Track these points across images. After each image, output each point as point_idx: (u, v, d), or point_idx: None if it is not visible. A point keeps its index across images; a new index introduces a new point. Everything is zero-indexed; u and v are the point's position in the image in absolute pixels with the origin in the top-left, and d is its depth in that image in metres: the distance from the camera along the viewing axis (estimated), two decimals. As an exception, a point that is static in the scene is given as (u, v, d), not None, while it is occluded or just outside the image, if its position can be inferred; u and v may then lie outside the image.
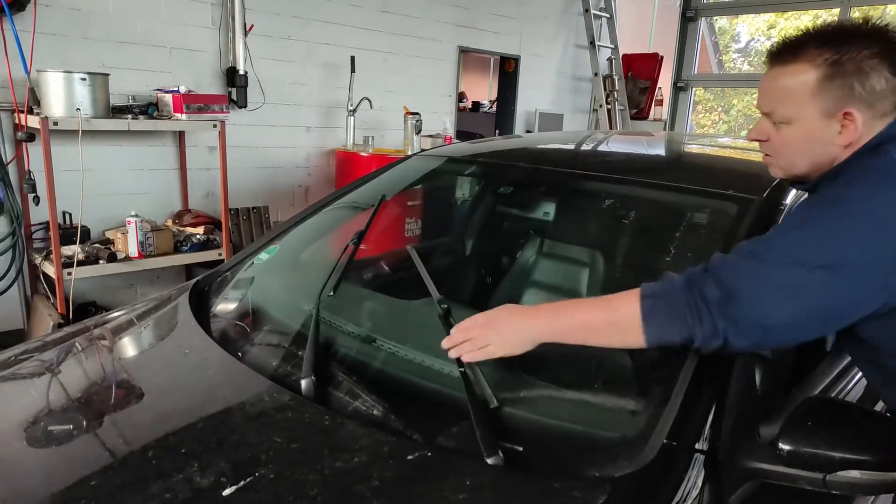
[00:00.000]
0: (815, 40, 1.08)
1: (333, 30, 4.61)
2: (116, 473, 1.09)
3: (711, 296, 1.03)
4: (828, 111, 1.07)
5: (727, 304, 1.02)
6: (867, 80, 1.04)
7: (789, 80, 1.09)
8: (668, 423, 1.09)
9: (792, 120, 1.10)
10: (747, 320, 1.02)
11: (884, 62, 1.04)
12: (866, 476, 1.02)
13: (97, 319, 1.76)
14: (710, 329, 1.02)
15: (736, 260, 1.07)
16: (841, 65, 1.04)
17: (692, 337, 1.04)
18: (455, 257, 2.06)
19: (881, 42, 1.04)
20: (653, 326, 1.06)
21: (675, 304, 1.05)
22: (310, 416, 1.20)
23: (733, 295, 1.02)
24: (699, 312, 1.03)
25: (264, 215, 4.42)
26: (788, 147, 1.13)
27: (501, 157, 2.22)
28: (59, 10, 3.38)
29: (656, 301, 1.07)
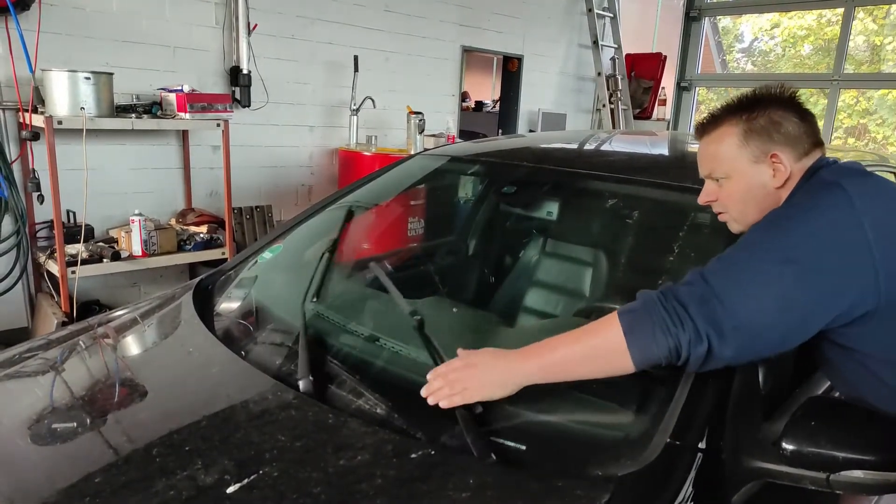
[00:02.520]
0: (730, 110, 1.27)
1: (337, 29, 4.61)
2: (120, 471, 1.09)
3: (688, 299, 1.06)
4: (756, 157, 1.23)
5: (705, 304, 1.05)
6: (781, 127, 1.22)
7: (717, 143, 1.27)
8: (672, 423, 1.09)
9: (730, 174, 1.26)
10: (728, 320, 1.04)
11: (789, 112, 1.23)
12: (870, 476, 1.02)
13: (101, 318, 1.76)
14: (693, 332, 1.04)
15: (706, 268, 1.11)
16: (755, 120, 1.23)
17: (678, 345, 1.04)
18: (458, 256, 2.06)
19: (780, 100, 1.25)
20: (636, 342, 1.07)
21: (653, 314, 1.07)
22: (313, 414, 1.20)
23: (708, 293, 1.06)
24: (679, 318, 1.05)
25: (267, 214, 4.43)
26: (733, 198, 1.27)
27: (504, 156, 2.21)
28: (63, 10, 3.39)
29: (635, 315, 1.09)
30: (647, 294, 1.11)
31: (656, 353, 1.06)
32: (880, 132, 8.59)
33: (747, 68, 9.61)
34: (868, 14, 7.91)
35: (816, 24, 8.89)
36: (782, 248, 1.09)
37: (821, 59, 8.62)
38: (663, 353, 1.06)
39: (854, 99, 8.24)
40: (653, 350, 1.06)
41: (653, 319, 1.07)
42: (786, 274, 1.07)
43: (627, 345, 1.07)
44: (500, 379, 1.14)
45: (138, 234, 3.35)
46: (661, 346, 1.06)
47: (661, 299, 1.08)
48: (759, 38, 9.87)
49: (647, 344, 1.06)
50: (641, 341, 1.07)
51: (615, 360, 1.08)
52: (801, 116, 1.24)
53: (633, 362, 1.07)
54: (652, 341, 1.06)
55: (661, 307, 1.07)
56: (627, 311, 1.10)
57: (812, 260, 1.07)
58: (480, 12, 5.59)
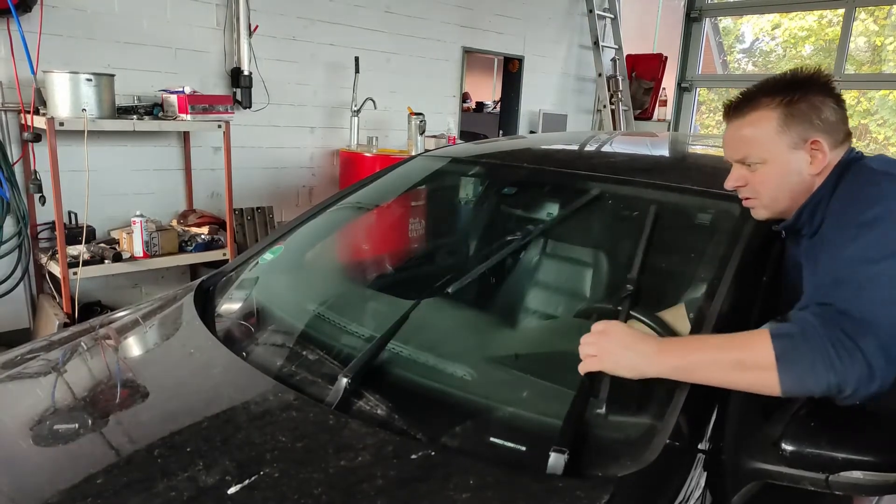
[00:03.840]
0: (766, 92, 1.22)
1: (337, 30, 4.62)
2: (122, 472, 1.09)
3: (851, 327, 0.98)
4: (795, 144, 1.19)
5: (866, 330, 0.97)
6: (821, 112, 1.18)
7: (753, 127, 1.22)
8: (672, 423, 1.09)
9: (766, 160, 1.21)
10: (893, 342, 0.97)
11: (827, 97, 1.19)
12: (869, 477, 1.02)
13: (102, 319, 1.77)
14: (864, 367, 0.96)
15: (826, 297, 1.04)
16: (795, 104, 1.18)
17: (841, 383, 0.97)
18: (458, 258, 2.06)
19: (818, 83, 1.20)
20: (790, 370, 0.99)
21: (814, 343, 0.99)
22: (314, 415, 1.20)
23: (877, 326, 0.98)
24: (847, 350, 0.97)
25: (269, 215, 4.44)
26: (767, 185, 1.23)
27: (505, 157, 2.22)
28: (65, 11, 3.40)
29: (792, 342, 1.00)
30: (804, 319, 1.03)
31: (812, 386, 0.99)
32: (881, 133, 8.59)
33: (748, 69, 9.62)
34: (869, 15, 7.91)
35: (817, 25, 8.90)
36: (890, 249, 1.04)
37: (821, 60, 8.62)
38: (821, 388, 0.99)
39: (855, 99, 8.24)
40: (808, 383, 0.99)
41: (814, 350, 0.99)
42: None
43: (778, 370, 0.99)
44: (631, 363, 1.09)
45: (140, 235, 3.35)
46: (819, 379, 0.98)
47: (824, 327, 1.00)
48: (760, 39, 9.88)
49: (804, 375, 0.99)
50: (796, 371, 0.99)
51: (761, 380, 1.02)
52: (837, 102, 1.20)
53: (781, 388, 1.00)
54: (810, 373, 0.99)
55: (824, 336, 0.99)
56: (782, 333, 1.02)
57: None
58: (481, 13, 5.60)
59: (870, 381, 0.97)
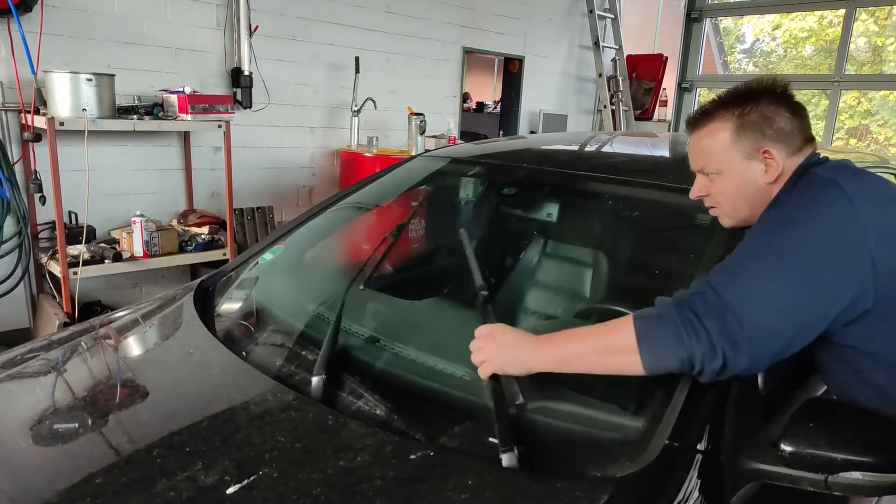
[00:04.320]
0: (722, 104, 1.26)
1: (338, 31, 4.62)
2: (121, 472, 1.09)
3: (703, 310, 1.05)
4: (748, 154, 1.23)
5: (719, 317, 1.04)
6: (773, 122, 1.21)
7: (709, 138, 1.26)
8: (671, 424, 1.09)
9: (721, 170, 1.25)
10: (741, 332, 1.03)
11: (781, 107, 1.22)
12: (868, 477, 1.02)
13: (102, 319, 1.77)
14: (707, 346, 1.03)
15: (712, 277, 1.10)
16: (747, 115, 1.22)
17: (691, 358, 1.04)
18: (458, 258, 2.06)
19: (771, 94, 1.23)
20: (649, 349, 1.07)
21: (668, 323, 1.07)
22: (313, 415, 1.20)
23: (721, 305, 1.05)
24: (694, 330, 1.04)
25: (269, 215, 4.44)
26: (725, 194, 1.27)
27: (505, 158, 2.22)
28: (65, 11, 3.40)
29: (650, 322, 1.09)
30: (663, 301, 1.11)
31: (669, 362, 1.06)
32: (882, 133, 8.58)
33: (749, 69, 9.61)
34: (870, 15, 7.91)
35: (818, 26, 8.89)
36: (787, 250, 1.09)
37: (822, 60, 8.63)
38: (675, 363, 1.06)
39: (856, 100, 8.24)
40: (665, 359, 1.06)
41: (667, 328, 1.06)
42: (793, 277, 1.06)
43: (639, 350, 1.07)
44: (517, 360, 1.15)
45: (140, 235, 3.36)
46: (673, 356, 1.05)
47: (676, 309, 1.07)
48: (761, 39, 9.87)
49: (660, 352, 1.06)
50: (654, 348, 1.07)
51: (626, 362, 1.09)
52: (793, 111, 1.23)
53: (644, 367, 1.07)
54: (665, 350, 1.06)
55: (676, 317, 1.06)
56: (643, 316, 1.10)
57: (816, 260, 1.07)
58: (481, 14, 5.60)
59: (713, 358, 1.03)
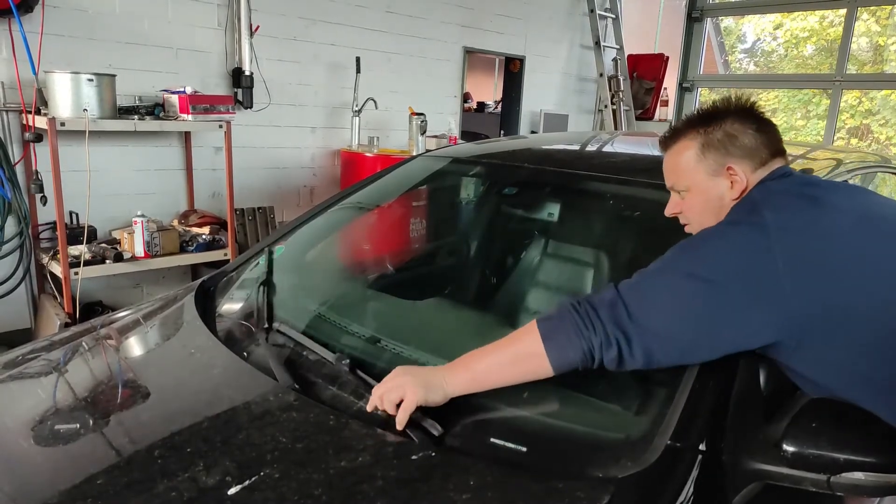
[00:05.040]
0: (690, 124, 1.31)
1: (339, 31, 4.62)
2: (122, 472, 1.09)
3: (599, 305, 1.12)
4: (714, 171, 1.26)
5: (613, 309, 1.10)
6: (737, 139, 1.25)
7: (677, 157, 1.31)
8: (672, 424, 1.09)
9: (689, 187, 1.30)
10: (632, 325, 1.08)
11: (746, 124, 1.26)
12: (871, 478, 1.02)
13: (103, 319, 1.77)
14: (602, 336, 1.09)
15: (622, 282, 1.16)
16: (712, 133, 1.26)
17: (591, 348, 1.09)
18: (459, 258, 2.06)
19: (738, 112, 1.28)
20: (553, 347, 1.11)
21: (567, 319, 1.12)
22: (314, 416, 1.20)
23: (616, 300, 1.11)
24: (591, 321, 1.10)
25: (270, 215, 4.44)
26: (694, 210, 1.31)
27: (506, 158, 2.22)
28: (66, 12, 3.40)
29: (552, 322, 1.14)
30: (563, 301, 1.16)
31: (572, 356, 1.10)
32: (883, 132, 8.57)
33: (750, 69, 9.60)
34: (871, 15, 7.90)
35: (819, 26, 8.87)
36: (689, 264, 1.14)
37: (823, 60, 8.61)
38: (578, 356, 1.10)
39: (857, 99, 8.23)
40: (568, 354, 1.10)
41: (567, 324, 1.11)
42: (689, 289, 1.10)
43: (545, 349, 1.11)
44: (432, 389, 1.16)
45: (141, 235, 3.36)
46: (575, 349, 1.10)
47: (574, 305, 1.13)
48: (762, 39, 9.85)
49: (563, 347, 1.11)
50: (558, 346, 1.11)
51: (535, 365, 1.12)
52: (758, 127, 1.26)
53: (551, 366, 1.11)
54: (567, 345, 1.10)
55: (574, 312, 1.12)
56: (545, 318, 1.15)
57: (716, 278, 1.10)
58: (482, 13, 5.60)
59: (608, 346, 1.08)
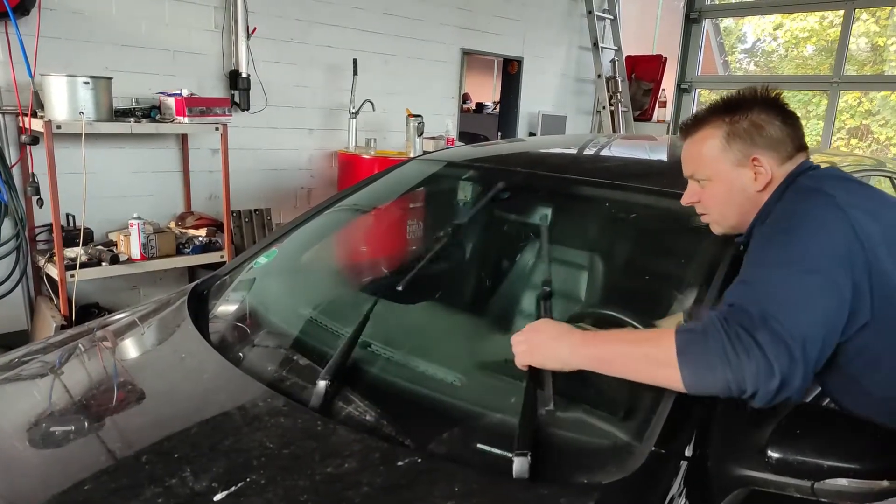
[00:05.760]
0: (714, 111, 1.27)
1: (336, 32, 4.62)
2: (110, 478, 1.10)
3: (748, 322, 0.97)
4: (738, 161, 1.23)
5: (763, 325, 0.96)
6: (763, 130, 1.22)
7: (700, 145, 1.27)
8: (657, 430, 1.09)
9: (711, 177, 1.26)
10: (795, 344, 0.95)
11: (771, 115, 1.23)
12: (854, 484, 1.02)
13: (98, 322, 1.77)
14: (762, 363, 0.94)
15: (736, 298, 1.04)
16: (738, 123, 1.23)
17: (739, 378, 0.95)
18: (452, 262, 2.07)
19: (764, 102, 1.24)
20: (689, 365, 0.99)
21: (712, 337, 0.98)
22: (302, 421, 1.21)
23: (760, 315, 0.97)
24: (743, 345, 0.95)
25: (266, 217, 4.44)
26: (715, 200, 1.28)
27: (500, 162, 2.22)
28: (62, 14, 3.41)
29: (692, 336, 1.01)
30: (708, 317, 1.03)
31: (711, 383, 0.98)
32: (883, 133, 8.56)
33: (750, 69, 9.59)
34: (871, 15, 7.89)
35: (819, 26, 8.87)
36: (799, 259, 1.06)
37: (823, 60, 8.60)
38: (720, 385, 0.97)
39: (857, 100, 8.23)
40: (707, 380, 0.98)
41: (710, 345, 0.98)
42: (816, 285, 1.03)
43: (679, 366, 0.99)
44: (557, 354, 1.12)
45: (137, 237, 3.36)
46: (717, 377, 0.97)
47: (722, 322, 0.99)
48: (762, 39, 9.85)
49: (703, 372, 0.98)
50: (695, 366, 0.99)
51: (664, 375, 1.02)
52: (784, 119, 1.23)
53: (684, 385, 1.00)
54: (708, 370, 0.98)
55: (721, 332, 0.98)
56: (685, 330, 1.02)
57: (829, 267, 1.05)
58: (480, 15, 5.60)
59: (769, 377, 0.95)
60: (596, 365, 1.10)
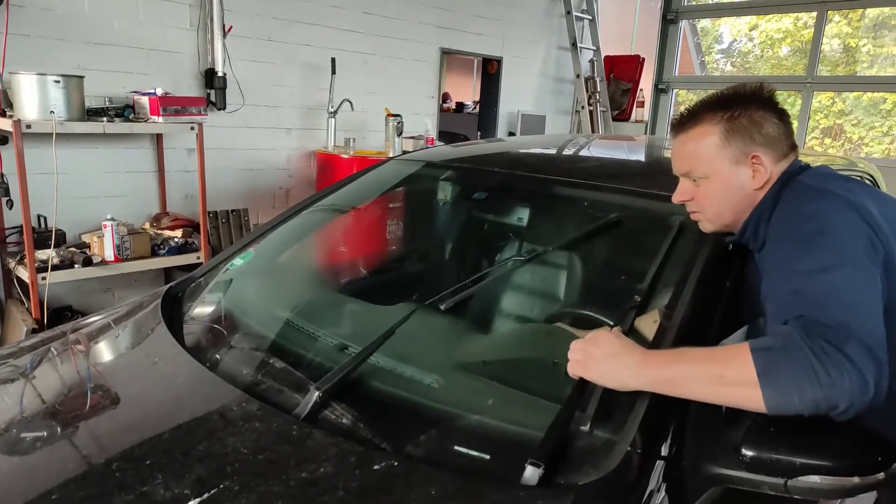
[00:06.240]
0: (709, 107, 1.24)
1: (314, 31, 4.59)
2: (78, 486, 1.07)
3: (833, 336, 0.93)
4: (737, 158, 1.21)
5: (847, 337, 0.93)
6: (762, 127, 1.20)
7: (696, 142, 1.24)
8: (633, 430, 1.09)
9: (708, 174, 1.23)
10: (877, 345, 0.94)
11: (769, 112, 1.21)
12: (826, 481, 1.03)
13: (71, 325, 1.74)
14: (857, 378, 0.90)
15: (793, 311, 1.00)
16: (736, 119, 1.20)
17: (830, 396, 0.91)
18: (429, 263, 2.06)
19: (759, 99, 1.22)
20: (773, 386, 0.94)
21: (796, 356, 0.93)
22: (276, 426, 1.19)
23: (837, 326, 0.94)
24: (833, 361, 0.91)
25: (244, 218, 4.40)
26: (711, 199, 1.25)
27: (479, 162, 2.22)
28: (32, 11, 3.33)
29: (774, 355, 0.95)
30: (786, 331, 0.97)
31: (798, 403, 0.93)
32: (856, 132, 8.72)
33: (726, 70, 9.70)
34: (843, 17, 8.02)
35: (794, 27, 9.00)
36: (849, 260, 1.03)
37: (798, 61, 8.73)
38: (808, 404, 0.93)
39: (830, 100, 8.36)
40: (794, 400, 0.93)
41: (795, 364, 0.93)
42: (864, 281, 1.02)
43: (761, 387, 0.94)
44: (614, 373, 1.08)
45: (111, 238, 3.30)
46: (805, 396, 0.92)
47: (805, 339, 0.94)
48: (738, 40, 9.97)
49: (788, 391, 0.93)
50: (780, 387, 0.94)
51: (743, 397, 0.98)
52: (779, 117, 1.22)
53: (766, 405, 0.95)
54: (793, 389, 0.93)
55: (806, 349, 0.93)
56: (764, 348, 0.97)
57: (867, 263, 1.05)
58: (459, 14, 5.60)
59: (864, 390, 0.91)
60: (661, 387, 1.06)
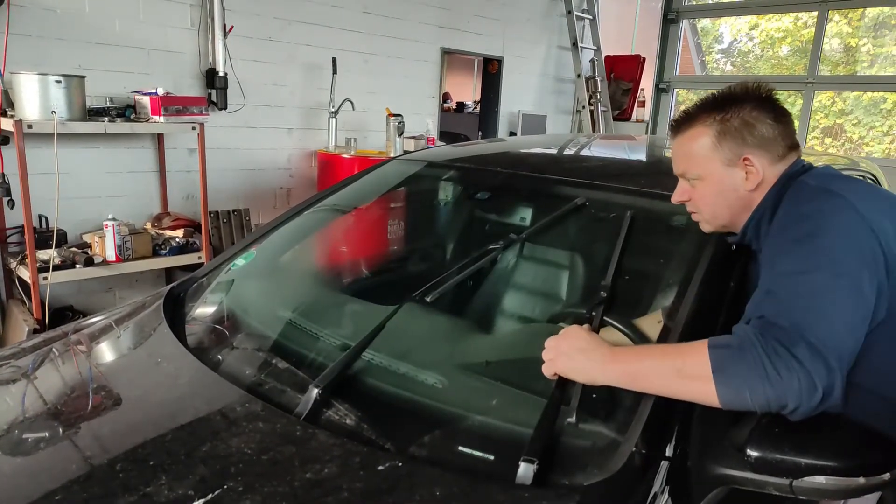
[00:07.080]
0: (704, 108, 1.24)
1: (315, 31, 4.59)
2: (82, 486, 1.07)
3: (784, 338, 0.96)
4: (729, 160, 1.21)
5: (799, 340, 0.95)
6: (754, 129, 1.20)
7: (691, 143, 1.25)
8: (637, 431, 1.09)
9: (702, 175, 1.24)
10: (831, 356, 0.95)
11: (763, 112, 1.20)
12: (832, 481, 1.03)
13: (73, 326, 1.73)
14: (804, 380, 0.93)
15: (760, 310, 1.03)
16: (728, 121, 1.20)
17: (781, 396, 0.94)
18: (431, 263, 2.06)
19: (755, 99, 1.21)
20: (726, 383, 0.97)
21: (749, 354, 0.97)
22: (280, 426, 1.19)
23: (793, 329, 0.97)
24: (784, 363, 0.94)
25: (245, 218, 4.39)
26: (706, 199, 1.26)
27: (480, 162, 2.22)
28: (34, 11, 3.33)
29: (728, 353, 0.99)
30: (742, 331, 1.01)
31: (750, 400, 0.96)
32: (856, 132, 8.72)
33: (727, 69, 9.70)
34: (843, 16, 8.02)
35: (794, 26, 9.00)
36: (826, 265, 1.03)
37: (798, 60, 8.73)
38: (759, 402, 0.96)
39: (830, 100, 8.35)
40: (745, 396, 0.96)
41: (747, 362, 0.96)
42: (843, 289, 1.02)
43: (715, 382, 0.98)
44: (583, 367, 1.09)
45: (112, 238, 3.30)
46: (756, 393, 0.96)
47: (758, 338, 0.97)
48: (738, 40, 9.97)
49: (740, 388, 0.97)
50: (733, 383, 0.97)
51: (699, 391, 1.01)
52: (776, 117, 1.21)
53: (720, 400, 0.99)
54: (745, 386, 0.96)
55: (759, 348, 0.96)
56: (720, 345, 1.00)
57: (854, 270, 1.04)
58: (460, 14, 5.60)
59: (811, 392, 0.94)
60: (625, 381, 1.08)
